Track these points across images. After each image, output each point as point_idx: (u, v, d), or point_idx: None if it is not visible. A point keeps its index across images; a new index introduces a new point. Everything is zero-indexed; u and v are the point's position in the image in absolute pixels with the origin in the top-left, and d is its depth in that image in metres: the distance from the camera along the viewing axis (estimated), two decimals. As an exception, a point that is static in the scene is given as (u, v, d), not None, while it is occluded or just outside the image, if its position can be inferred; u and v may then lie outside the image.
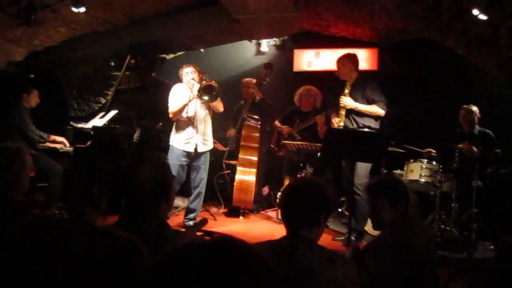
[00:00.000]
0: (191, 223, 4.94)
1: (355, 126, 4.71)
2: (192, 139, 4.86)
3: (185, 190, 5.40)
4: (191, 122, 4.83)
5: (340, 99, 4.73)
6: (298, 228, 1.84)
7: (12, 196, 2.24)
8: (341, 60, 4.87)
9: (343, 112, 4.75)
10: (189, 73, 4.86)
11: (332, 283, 1.69)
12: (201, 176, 5.02)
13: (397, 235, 2.26)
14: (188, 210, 5.02)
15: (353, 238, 4.32)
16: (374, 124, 4.72)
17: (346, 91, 4.73)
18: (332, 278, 1.70)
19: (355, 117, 4.72)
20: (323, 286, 1.69)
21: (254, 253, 0.71)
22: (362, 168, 4.60)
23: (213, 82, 4.78)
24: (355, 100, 4.68)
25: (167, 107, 4.95)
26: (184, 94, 4.86)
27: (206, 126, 4.99)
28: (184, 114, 4.78)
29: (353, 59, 4.86)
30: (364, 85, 4.74)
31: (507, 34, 4.32)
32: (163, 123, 5.86)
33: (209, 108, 4.99)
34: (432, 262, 2.30)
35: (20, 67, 6.39)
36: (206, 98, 4.73)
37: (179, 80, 5.03)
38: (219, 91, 4.74)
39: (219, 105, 4.93)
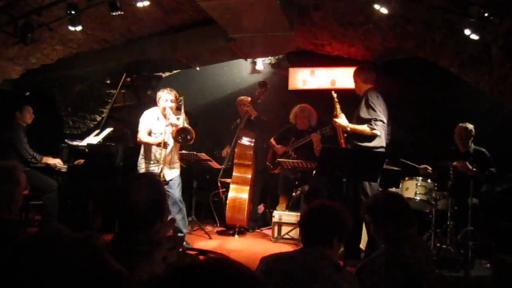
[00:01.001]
0: None
1: (349, 146, 4.65)
2: (156, 167, 4.76)
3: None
4: (158, 151, 4.75)
5: (333, 121, 4.64)
6: (314, 244, 2.07)
7: (5, 215, 2.22)
8: (353, 74, 4.81)
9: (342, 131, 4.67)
10: (168, 101, 4.72)
11: (338, 286, 1.87)
12: (176, 194, 4.87)
13: (395, 253, 2.25)
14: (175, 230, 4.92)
15: None
16: (371, 144, 4.49)
17: (335, 112, 4.63)
18: (338, 283, 1.88)
19: (349, 137, 4.64)
20: (328, 286, 1.88)
21: (249, 277, 0.70)
22: (373, 188, 4.47)
23: (188, 126, 4.69)
24: (350, 116, 4.60)
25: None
26: (153, 124, 4.80)
27: (173, 155, 4.90)
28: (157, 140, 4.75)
29: (361, 71, 4.77)
30: (361, 101, 4.66)
31: (499, 53, 4.37)
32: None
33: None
34: (430, 281, 2.28)
35: (16, 85, 6.40)
36: (180, 140, 4.68)
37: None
38: (193, 136, 4.67)
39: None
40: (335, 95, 4.76)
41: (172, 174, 4.89)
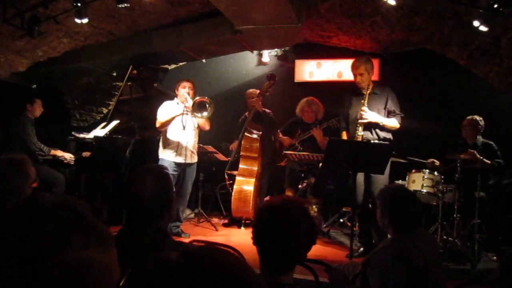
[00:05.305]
0: (179, 230, 5.06)
1: (375, 138, 4.52)
2: (182, 151, 4.97)
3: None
4: (181, 134, 4.95)
5: (362, 113, 4.44)
6: (280, 275, 1.50)
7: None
8: (366, 65, 4.51)
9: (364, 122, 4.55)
10: (186, 87, 4.97)
11: None
12: (187, 187, 5.14)
13: (399, 247, 2.24)
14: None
15: None
16: (391, 136, 4.58)
17: (366, 103, 4.46)
18: None
19: (377, 130, 4.53)
20: None
21: (241, 272, 0.68)
22: (383, 180, 4.37)
23: (206, 98, 4.86)
24: (377, 111, 4.50)
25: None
26: (172, 109, 4.98)
27: (195, 140, 5.13)
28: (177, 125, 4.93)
29: (371, 63, 4.59)
30: (385, 95, 4.57)
31: (508, 45, 4.33)
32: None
33: (197, 124, 5.12)
34: (436, 274, 2.27)
35: (23, 77, 6.43)
36: (199, 114, 4.84)
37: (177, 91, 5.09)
38: (212, 107, 4.82)
39: (206, 123, 5.05)
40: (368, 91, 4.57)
41: (192, 159, 5.09)
